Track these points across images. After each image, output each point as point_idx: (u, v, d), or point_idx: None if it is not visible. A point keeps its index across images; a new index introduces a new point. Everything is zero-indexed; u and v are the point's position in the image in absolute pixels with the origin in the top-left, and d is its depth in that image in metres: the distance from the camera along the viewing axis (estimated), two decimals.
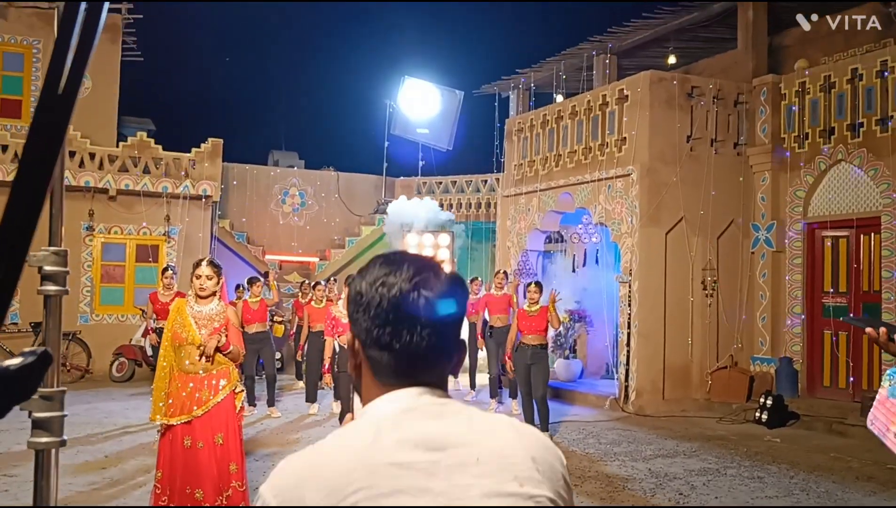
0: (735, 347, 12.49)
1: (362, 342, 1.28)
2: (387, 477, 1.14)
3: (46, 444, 1.74)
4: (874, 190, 11.10)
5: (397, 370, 1.26)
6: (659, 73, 13.00)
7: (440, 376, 1.31)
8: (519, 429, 1.28)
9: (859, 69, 11.36)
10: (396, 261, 1.30)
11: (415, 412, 1.23)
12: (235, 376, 5.42)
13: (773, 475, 8.10)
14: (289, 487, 1.16)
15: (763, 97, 12.59)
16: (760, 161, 12.57)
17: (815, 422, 10.62)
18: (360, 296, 1.28)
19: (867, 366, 11.12)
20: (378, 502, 1.11)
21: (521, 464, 1.21)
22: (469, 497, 1.15)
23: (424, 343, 1.24)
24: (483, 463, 1.18)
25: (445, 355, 1.30)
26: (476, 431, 1.23)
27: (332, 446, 1.22)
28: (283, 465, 1.22)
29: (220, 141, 16.74)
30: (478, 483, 1.16)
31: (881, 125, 10.98)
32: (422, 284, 1.25)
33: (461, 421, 1.24)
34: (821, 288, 11.94)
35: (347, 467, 1.15)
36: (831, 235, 11.85)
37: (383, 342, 1.25)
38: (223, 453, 5.23)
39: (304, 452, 1.23)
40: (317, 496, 1.12)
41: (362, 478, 1.13)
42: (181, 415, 5.19)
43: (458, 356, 1.35)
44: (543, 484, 1.21)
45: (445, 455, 1.18)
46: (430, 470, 1.16)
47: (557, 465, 1.28)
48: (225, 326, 5.31)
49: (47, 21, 15.88)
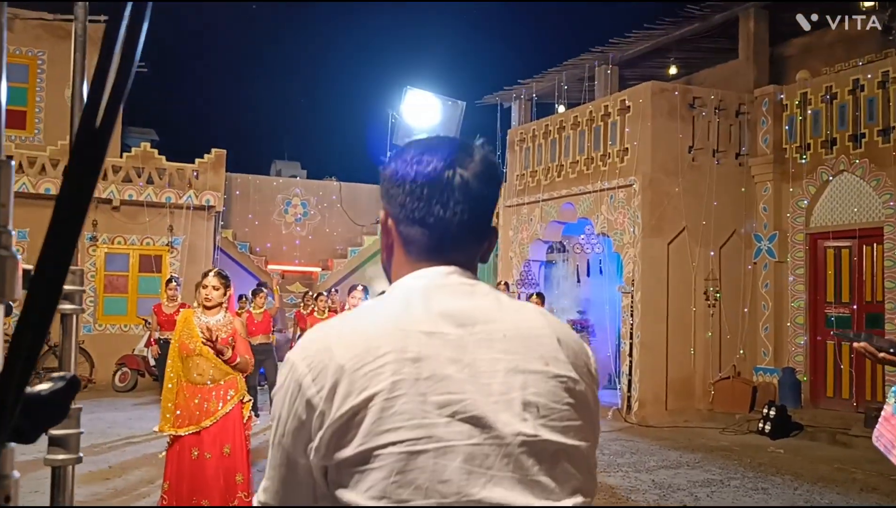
0: (738, 357, 12.48)
1: (395, 218, 1.30)
2: (416, 343, 1.14)
3: (63, 461, 1.75)
4: (877, 200, 11.11)
5: (429, 246, 1.27)
6: (661, 83, 13.04)
7: (470, 257, 1.32)
8: (547, 315, 1.30)
9: (861, 80, 11.39)
10: (433, 141, 1.32)
11: (445, 288, 1.24)
12: (243, 386, 5.43)
13: (778, 486, 8.08)
14: (318, 350, 1.16)
15: (765, 108, 12.62)
16: (762, 171, 12.59)
17: (819, 433, 10.60)
18: (396, 173, 1.29)
19: (870, 377, 11.10)
20: (406, 365, 1.12)
21: (547, 345, 1.22)
22: (495, 371, 1.15)
23: (457, 219, 1.25)
24: (510, 340, 1.19)
25: (477, 235, 1.31)
26: (505, 310, 1.24)
27: (362, 314, 1.24)
28: (312, 333, 1.23)
29: (223, 152, 16.79)
30: (504, 359, 1.17)
31: (883, 136, 11.00)
32: (458, 162, 1.27)
33: (490, 301, 1.25)
34: (823, 299, 11.94)
35: (377, 331, 1.16)
36: (834, 245, 11.86)
37: (416, 216, 1.26)
38: (230, 463, 5.24)
39: (332, 320, 1.25)
40: (346, 357, 1.13)
41: (392, 342, 1.14)
42: (190, 426, 5.20)
43: (489, 242, 1.35)
44: (568, 366, 1.22)
45: (474, 329, 1.19)
46: (457, 343, 1.16)
47: (583, 354, 1.28)
48: (232, 336, 5.32)
49: (52, 32, 15.95)
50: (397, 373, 1.11)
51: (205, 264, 15.59)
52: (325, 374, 1.13)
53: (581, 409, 1.22)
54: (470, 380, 1.14)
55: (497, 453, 1.12)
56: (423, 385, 1.12)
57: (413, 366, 1.12)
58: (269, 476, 1.25)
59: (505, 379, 1.16)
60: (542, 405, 1.17)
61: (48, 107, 16.16)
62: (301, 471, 1.19)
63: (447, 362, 1.14)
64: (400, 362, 1.12)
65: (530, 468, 1.13)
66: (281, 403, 1.20)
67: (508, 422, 1.13)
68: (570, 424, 1.19)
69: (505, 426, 1.13)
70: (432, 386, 1.12)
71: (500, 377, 1.15)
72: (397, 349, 1.13)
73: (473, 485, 1.10)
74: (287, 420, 1.18)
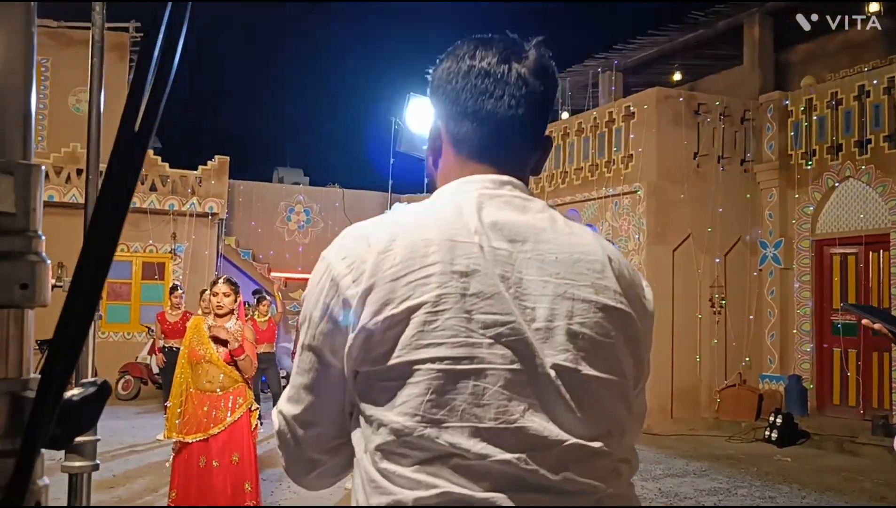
0: (744, 365, 12.44)
1: (446, 117, 1.23)
2: (465, 255, 1.07)
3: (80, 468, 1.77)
4: (883, 207, 11.08)
5: (481, 144, 1.20)
6: (665, 90, 13.03)
7: (523, 165, 1.25)
8: (603, 242, 1.22)
9: (866, 85, 11.37)
10: (486, 38, 1.25)
11: (498, 200, 1.16)
12: (251, 394, 5.41)
13: (785, 494, 8.04)
14: (359, 251, 1.10)
15: (770, 114, 12.60)
16: (768, 178, 12.57)
17: (826, 441, 10.55)
18: (448, 68, 1.24)
19: (877, 384, 11.06)
20: (453, 279, 1.06)
21: (600, 272, 1.15)
22: (542, 295, 1.10)
23: (511, 114, 1.19)
24: (561, 263, 1.13)
25: (530, 137, 1.25)
26: (559, 231, 1.17)
27: (407, 218, 1.15)
28: (351, 231, 1.16)
29: (226, 158, 16.79)
30: (553, 283, 1.11)
31: (889, 142, 10.98)
32: (514, 56, 1.21)
33: (544, 219, 1.17)
34: (829, 305, 11.90)
35: (426, 237, 1.09)
36: (840, 252, 11.82)
37: (469, 110, 1.20)
38: (238, 472, 5.21)
39: (372, 221, 1.17)
40: (390, 262, 1.07)
41: (440, 252, 1.07)
42: (197, 433, 5.17)
43: (543, 150, 1.29)
44: (620, 297, 1.16)
45: (524, 247, 1.12)
46: (507, 260, 1.10)
47: (637, 285, 1.22)
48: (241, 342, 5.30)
49: (56, 39, 15.94)
50: (443, 286, 1.05)
51: (208, 272, 15.60)
52: (365, 276, 1.07)
53: (630, 344, 1.17)
54: (516, 302, 1.08)
55: (537, 382, 1.07)
56: (470, 302, 1.06)
57: (460, 280, 1.06)
58: (295, 385, 1.18)
59: (552, 305, 1.10)
60: (588, 338, 1.11)
61: (52, 114, 16.16)
62: (333, 375, 1.13)
63: (496, 279, 1.07)
64: (447, 274, 1.06)
65: (568, 401, 1.07)
66: (314, 303, 1.13)
67: (551, 352, 1.08)
68: (616, 359, 1.14)
69: (547, 355, 1.08)
70: (479, 304, 1.06)
71: (547, 303, 1.10)
72: (445, 261, 1.07)
73: (511, 413, 1.05)
74: (320, 322, 1.12)
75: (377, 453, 1.06)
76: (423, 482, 1.03)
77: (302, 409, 1.17)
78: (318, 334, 1.12)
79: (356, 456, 1.12)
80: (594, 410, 1.10)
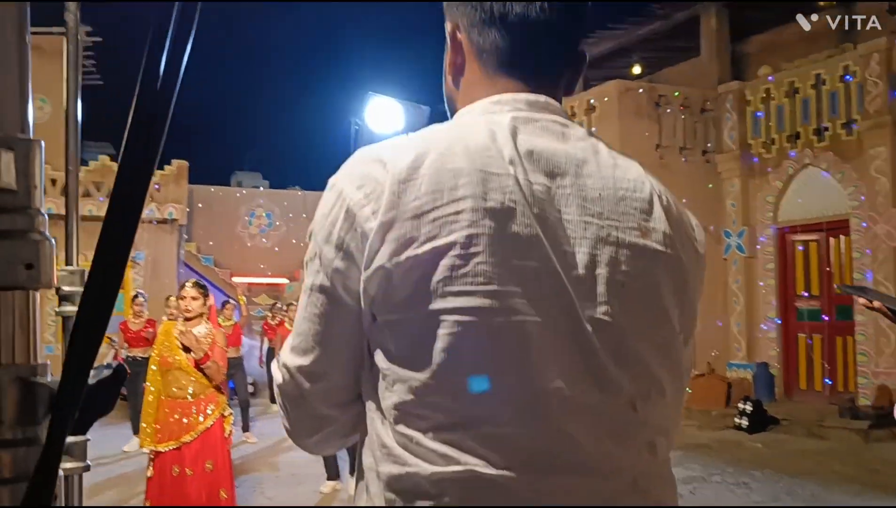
0: (712, 354, 12.55)
1: (468, 25, 1.09)
2: (499, 190, 0.93)
3: (72, 469, 1.74)
4: (842, 193, 11.25)
5: (510, 53, 1.06)
6: (626, 82, 13.11)
7: (555, 81, 1.10)
8: (650, 177, 1.09)
9: (822, 74, 11.53)
10: None
11: (534, 125, 1.03)
12: (224, 401, 5.30)
13: (759, 480, 8.11)
14: (375, 177, 0.96)
15: (729, 104, 12.73)
16: (729, 167, 12.70)
17: (795, 426, 10.68)
18: None
19: (842, 368, 11.24)
20: (486, 217, 0.92)
21: (647, 212, 1.03)
22: (583, 238, 0.97)
23: (543, 19, 1.05)
24: (605, 201, 1.00)
25: (563, 48, 1.10)
26: (602, 163, 1.04)
27: (434, 140, 0.99)
28: (364, 152, 1.01)
29: (185, 163, 16.54)
30: (595, 224, 0.98)
31: (846, 129, 11.14)
32: None
33: (586, 148, 1.04)
34: (794, 292, 12.06)
35: (456, 166, 0.94)
36: (802, 239, 11.99)
37: (494, 14, 1.05)
38: (213, 480, 5.10)
39: (392, 141, 1.03)
40: (414, 193, 0.93)
41: (471, 184, 0.93)
42: (170, 441, 5.06)
43: (578, 66, 1.13)
44: (669, 240, 1.03)
45: (563, 182, 0.99)
46: (545, 197, 0.97)
47: (688, 226, 1.10)
48: (212, 348, 5.18)
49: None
50: (475, 225, 0.92)
51: (169, 279, 15.34)
52: (384, 207, 0.93)
53: (679, 292, 1.04)
54: (554, 246, 0.95)
55: (572, 338, 0.94)
56: (504, 245, 0.92)
57: (493, 219, 0.92)
58: (301, 332, 1.03)
59: (593, 250, 0.97)
60: (631, 288, 0.99)
61: None
62: (348, 318, 0.99)
63: (533, 219, 0.94)
64: (479, 211, 0.92)
65: (606, 359, 0.96)
66: (325, 238, 0.99)
67: (590, 304, 0.96)
68: (662, 311, 1.02)
69: (586, 307, 0.95)
70: (513, 247, 0.93)
71: (588, 247, 0.97)
72: (477, 195, 0.93)
73: (539, 371, 0.92)
74: (334, 258, 0.98)
75: (393, 412, 0.94)
76: (443, 454, 0.92)
77: (312, 359, 1.02)
78: (332, 271, 0.98)
79: (367, 414, 1.00)
80: (634, 368, 0.98)
